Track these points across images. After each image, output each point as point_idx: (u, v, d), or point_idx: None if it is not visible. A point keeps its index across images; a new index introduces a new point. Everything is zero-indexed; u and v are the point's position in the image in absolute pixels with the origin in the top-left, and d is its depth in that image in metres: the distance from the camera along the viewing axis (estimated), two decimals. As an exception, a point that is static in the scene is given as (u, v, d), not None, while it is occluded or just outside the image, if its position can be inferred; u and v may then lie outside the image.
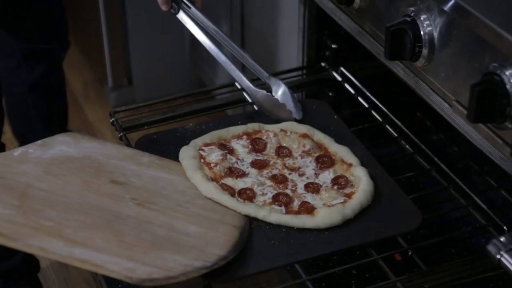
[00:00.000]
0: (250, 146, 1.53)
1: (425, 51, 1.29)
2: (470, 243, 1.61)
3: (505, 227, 1.47)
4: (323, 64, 1.86)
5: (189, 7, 1.61)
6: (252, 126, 1.57)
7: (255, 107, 1.68)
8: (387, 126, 1.67)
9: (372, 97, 1.74)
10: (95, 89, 3.22)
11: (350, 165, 1.46)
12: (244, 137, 1.55)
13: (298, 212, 1.37)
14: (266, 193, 1.42)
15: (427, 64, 1.32)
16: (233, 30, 2.45)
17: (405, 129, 1.66)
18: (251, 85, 1.61)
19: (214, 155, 1.48)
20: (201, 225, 1.34)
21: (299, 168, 1.48)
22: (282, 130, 1.55)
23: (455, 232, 1.60)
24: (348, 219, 1.36)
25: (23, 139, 2.49)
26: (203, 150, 1.51)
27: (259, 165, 1.49)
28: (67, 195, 1.39)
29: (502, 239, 1.13)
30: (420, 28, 1.28)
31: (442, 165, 1.60)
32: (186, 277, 1.25)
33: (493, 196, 1.67)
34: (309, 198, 1.40)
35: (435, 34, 1.28)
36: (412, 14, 1.30)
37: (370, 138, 1.64)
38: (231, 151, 1.51)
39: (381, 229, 1.36)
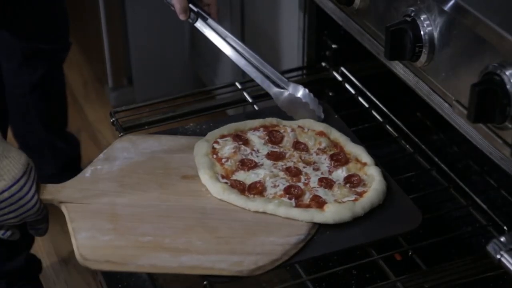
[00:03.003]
0: (267, 137, 1.53)
1: (425, 51, 1.29)
2: (470, 243, 1.61)
3: (505, 227, 1.47)
4: (323, 64, 1.86)
5: (206, 18, 1.62)
6: (270, 120, 1.57)
7: (255, 107, 1.68)
8: (387, 126, 1.67)
9: (372, 97, 1.74)
10: (95, 89, 3.22)
11: (364, 164, 1.46)
12: (261, 129, 1.55)
13: (308, 206, 1.37)
14: (278, 185, 1.42)
15: (427, 64, 1.32)
16: (233, 30, 2.45)
17: (405, 129, 1.66)
18: (274, 86, 1.61)
19: (227, 148, 1.49)
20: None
21: (314, 163, 1.48)
22: (299, 126, 1.56)
23: (455, 232, 1.60)
24: (349, 220, 1.36)
25: (23, 140, 2.49)
26: (217, 142, 1.51)
27: (275, 156, 1.49)
28: (150, 204, 1.40)
29: (502, 239, 1.13)
30: (420, 28, 1.28)
31: (442, 165, 1.60)
32: (288, 255, 1.29)
33: (493, 196, 1.67)
34: (321, 192, 1.40)
35: (435, 34, 1.28)
36: (412, 14, 1.30)
37: (370, 138, 1.63)
38: (246, 142, 1.52)
39: (381, 229, 1.36)
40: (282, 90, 1.61)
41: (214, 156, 1.49)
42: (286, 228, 1.33)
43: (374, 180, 1.42)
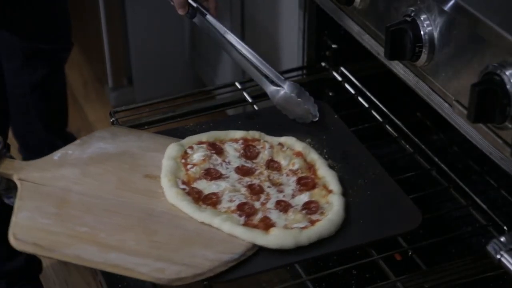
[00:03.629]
0: (242, 151, 1.51)
1: (425, 51, 1.29)
2: (470, 243, 1.61)
3: (505, 227, 1.47)
4: (323, 64, 1.86)
5: (205, 14, 1.63)
6: (252, 134, 1.55)
7: (255, 106, 1.68)
8: (387, 126, 1.67)
9: (372, 97, 1.74)
10: (95, 89, 3.22)
11: (330, 191, 1.42)
12: (241, 141, 1.54)
13: (255, 226, 1.34)
14: (234, 200, 1.39)
15: (427, 64, 1.32)
16: (233, 30, 2.45)
17: (405, 129, 1.66)
18: (270, 84, 1.61)
19: (197, 155, 1.48)
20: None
21: (280, 184, 1.45)
22: (280, 144, 1.53)
23: (455, 232, 1.60)
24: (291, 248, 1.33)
25: (23, 140, 2.49)
26: (192, 148, 1.50)
27: (243, 171, 1.47)
28: (103, 196, 1.40)
29: (502, 239, 1.13)
30: (420, 28, 1.28)
31: (442, 165, 1.60)
32: (213, 272, 1.27)
33: (493, 196, 1.67)
34: (274, 215, 1.37)
35: (435, 34, 1.28)
36: (412, 14, 1.30)
37: (370, 138, 1.64)
38: (220, 152, 1.50)
39: (381, 229, 1.36)
40: (277, 88, 1.60)
41: (183, 160, 1.48)
42: (224, 244, 1.30)
43: (331, 209, 1.37)
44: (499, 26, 1.12)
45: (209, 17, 1.63)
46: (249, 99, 1.71)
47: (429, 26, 1.28)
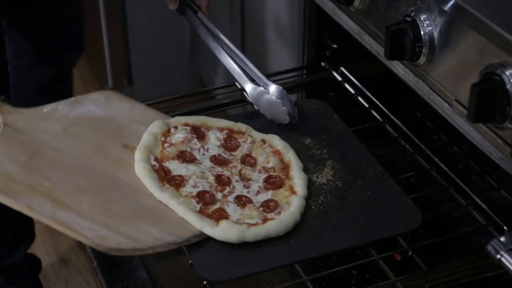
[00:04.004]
0: (223, 142, 1.52)
1: (425, 51, 1.29)
2: (470, 243, 1.61)
3: (505, 227, 1.46)
4: (323, 64, 1.86)
5: (196, 11, 1.63)
6: (240, 126, 1.56)
7: (255, 107, 1.68)
8: (387, 126, 1.67)
9: (372, 97, 1.74)
10: (95, 89, 3.21)
11: (294, 193, 1.41)
12: (225, 131, 1.54)
13: (209, 215, 1.35)
14: (198, 187, 1.40)
15: (427, 64, 1.32)
16: (233, 30, 2.45)
17: (405, 129, 1.66)
18: (250, 82, 1.61)
19: (177, 136, 1.50)
20: None
21: (249, 180, 1.45)
22: (263, 140, 1.53)
23: (455, 232, 1.60)
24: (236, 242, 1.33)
25: None
26: (176, 127, 1.52)
27: (218, 161, 1.47)
28: (75, 156, 1.43)
29: (502, 239, 1.13)
30: (420, 28, 1.28)
31: (442, 165, 1.59)
32: (153, 250, 1.30)
33: (493, 196, 1.67)
34: (231, 208, 1.37)
35: (435, 34, 1.28)
36: (412, 14, 1.30)
37: (370, 138, 1.64)
38: (202, 137, 1.51)
39: (381, 229, 1.36)
40: (256, 87, 1.61)
41: (163, 138, 1.49)
42: (173, 226, 1.32)
43: (288, 210, 1.37)
44: (499, 26, 1.12)
45: (200, 14, 1.64)
46: (249, 99, 1.71)
47: (429, 26, 1.28)
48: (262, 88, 1.60)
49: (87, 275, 2.45)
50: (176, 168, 1.44)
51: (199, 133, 1.52)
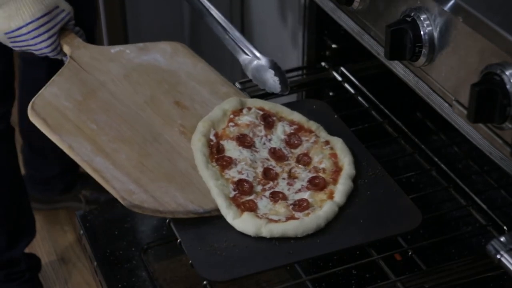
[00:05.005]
0: (286, 137, 1.51)
1: (425, 51, 1.29)
2: (470, 243, 1.61)
3: (505, 227, 1.47)
4: (323, 64, 1.86)
5: None
6: (311, 124, 1.53)
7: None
8: (387, 126, 1.67)
9: (372, 97, 1.74)
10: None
11: (332, 198, 1.39)
12: (295, 127, 1.53)
13: (238, 205, 1.36)
14: (243, 174, 1.41)
15: (427, 64, 1.32)
16: (233, 30, 2.45)
17: (405, 129, 1.66)
18: (244, 54, 1.63)
19: (246, 118, 1.50)
20: None
21: (295, 178, 1.44)
22: (327, 141, 1.50)
23: (455, 232, 1.60)
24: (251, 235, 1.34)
25: (29, 141, 2.50)
26: (250, 109, 1.51)
27: (275, 155, 1.47)
28: (127, 105, 1.45)
29: (502, 239, 1.13)
30: (420, 28, 1.28)
31: (442, 165, 1.60)
32: (172, 215, 1.32)
33: (493, 196, 1.67)
34: (263, 202, 1.38)
35: (435, 34, 1.28)
36: (412, 14, 1.30)
37: (370, 138, 1.64)
38: (269, 127, 1.50)
39: (381, 229, 1.36)
40: (250, 57, 1.63)
41: (232, 116, 1.50)
42: (198, 195, 1.34)
43: (316, 213, 1.36)
44: (499, 26, 1.12)
45: None
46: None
47: (429, 26, 1.28)
48: (252, 57, 1.62)
49: (87, 275, 2.45)
50: (231, 149, 1.45)
51: (268, 121, 1.51)
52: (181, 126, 1.44)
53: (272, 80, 1.59)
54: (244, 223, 1.33)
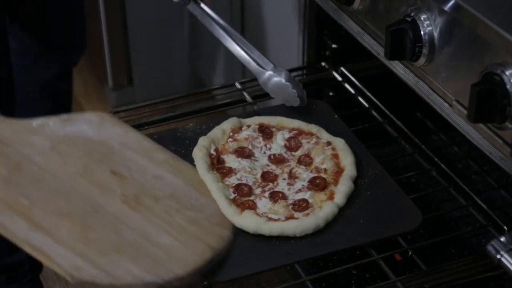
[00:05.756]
0: (286, 142, 1.53)
1: (425, 51, 1.29)
2: (470, 243, 1.61)
3: (505, 227, 1.47)
4: (323, 64, 1.86)
5: (199, 2, 1.64)
6: (311, 127, 1.55)
7: (255, 107, 1.68)
8: (387, 126, 1.67)
9: (372, 97, 1.74)
10: (95, 89, 3.22)
11: (332, 199, 1.39)
12: (294, 131, 1.54)
13: (238, 205, 1.37)
14: (242, 180, 1.43)
15: (427, 64, 1.32)
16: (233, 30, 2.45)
17: (405, 129, 1.66)
18: (258, 67, 1.62)
19: (244, 133, 1.52)
20: (177, 238, 1.28)
21: (296, 178, 1.45)
22: (328, 142, 1.51)
23: (455, 232, 1.60)
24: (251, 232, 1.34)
25: None
26: (249, 126, 1.54)
27: (276, 160, 1.49)
28: (59, 177, 1.35)
29: (502, 239, 1.13)
30: (420, 28, 1.28)
31: (442, 165, 1.60)
32: (126, 287, 1.20)
33: (493, 196, 1.67)
34: (262, 202, 1.39)
35: (435, 34, 1.28)
36: (412, 14, 1.30)
37: (370, 138, 1.64)
38: (268, 137, 1.53)
39: (381, 229, 1.36)
40: (265, 71, 1.62)
41: (231, 133, 1.52)
42: (154, 264, 1.23)
43: (317, 214, 1.36)
44: (499, 26, 1.12)
45: (203, 5, 1.64)
46: (249, 99, 1.71)
47: (429, 26, 1.28)
48: (270, 72, 1.61)
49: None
50: (231, 161, 1.47)
51: (265, 132, 1.54)
52: (123, 195, 1.34)
53: (292, 95, 1.59)
54: (244, 219, 1.33)
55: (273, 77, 1.61)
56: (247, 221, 1.33)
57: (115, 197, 1.34)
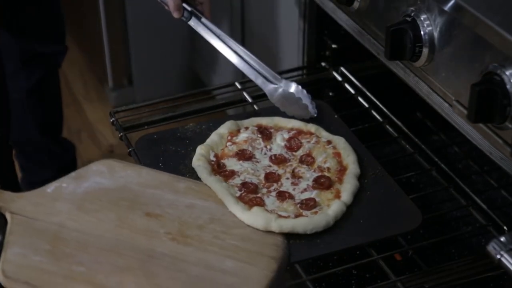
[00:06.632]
0: (286, 142, 1.52)
1: (425, 51, 1.29)
2: (470, 243, 1.61)
3: (505, 227, 1.47)
4: (323, 64, 1.86)
5: (200, 17, 1.63)
6: (310, 127, 1.55)
7: (255, 107, 1.68)
8: (387, 126, 1.67)
9: (372, 97, 1.74)
10: (95, 89, 3.22)
11: (339, 197, 1.40)
12: (293, 132, 1.55)
13: (245, 202, 1.37)
14: (245, 181, 1.42)
15: (427, 64, 1.32)
16: (233, 30, 2.45)
17: (405, 129, 1.66)
18: (268, 82, 1.61)
19: (242, 135, 1.52)
20: (238, 259, 1.27)
21: (299, 177, 1.45)
22: (328, 141, 1.52)
23: (455, 232, 1.60)
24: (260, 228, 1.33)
25: (20, 146, 2.49)
26: (247, 128, 1.54)
27: (277, 160, 1.49)
28: (100, 235, 1.32)
29: (502, 239, 1.13)
30: (420, 28, 1.28)
31: (442, 165, 1.60)
32: None
33: (493, 196, 1.67)
34: (270, 200, 1.39)
35: (435, 34, 1.28)
36: (412, 14, 1.30)
37: (370, 138, 1.64)
38: (267, 138, 1.53)
39: (381, 229, 1.36)
40: (276, 86, 1.61)
41: (229, 137, 1.52)
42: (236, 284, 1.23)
43: (325, 212, 1.36)
44: (499, 26, 1.12)
45: (204, 20, 1.64)
46: (249, 99, 1.71)
47: (429, 26, 1.28)
48: (282, 87, 1.61)
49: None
50: (232, 165, 1.46)
51: (265, 133, 1.53)
52: (168, 233, 1.32)
53: (302, 107, 1.59)
54: (254, 216, 1.33)
55: (282, 91, 1.61)
56: (257, 217, 1.33)
57: (162, 238, 1.32)
